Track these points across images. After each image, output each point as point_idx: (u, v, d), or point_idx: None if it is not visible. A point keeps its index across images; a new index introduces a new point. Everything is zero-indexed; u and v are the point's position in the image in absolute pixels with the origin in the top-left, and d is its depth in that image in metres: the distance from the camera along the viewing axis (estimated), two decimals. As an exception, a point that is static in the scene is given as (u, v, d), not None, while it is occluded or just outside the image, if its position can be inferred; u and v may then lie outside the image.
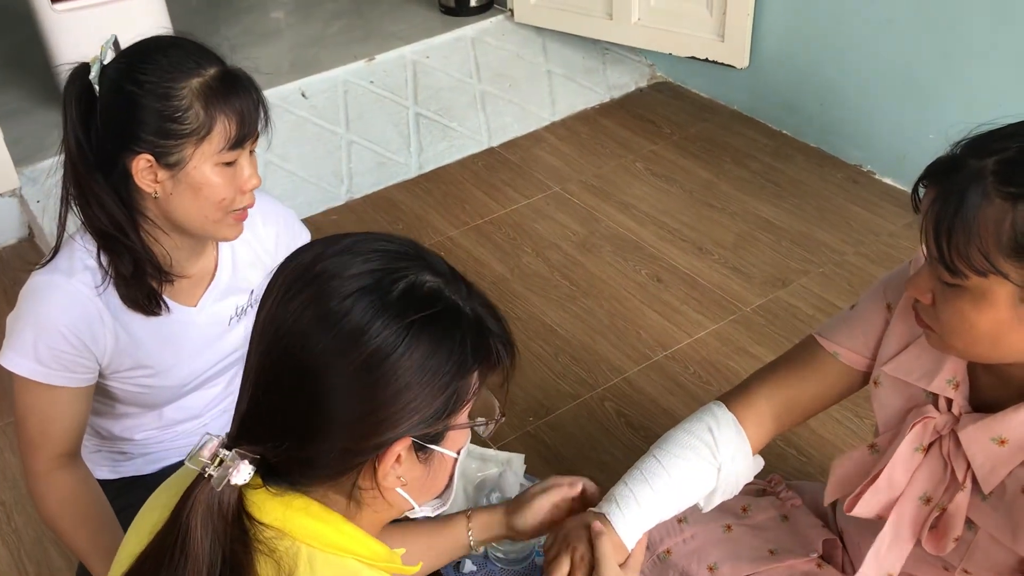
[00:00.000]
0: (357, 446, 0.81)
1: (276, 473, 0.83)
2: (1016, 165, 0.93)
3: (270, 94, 3.43)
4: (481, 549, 1.33)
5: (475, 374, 0.83)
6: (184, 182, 1.23)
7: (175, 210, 1.26)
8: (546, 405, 2.25)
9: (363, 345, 0.77)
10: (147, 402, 1.45)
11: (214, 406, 1.53)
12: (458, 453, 0.89)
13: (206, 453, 0.81)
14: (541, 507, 1.25)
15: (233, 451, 0.81)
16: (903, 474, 1.16)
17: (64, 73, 1.25)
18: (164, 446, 1.53)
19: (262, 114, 1.27)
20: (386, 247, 0.83)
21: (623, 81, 3.52)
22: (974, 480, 1.10)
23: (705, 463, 1.27)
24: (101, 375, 1.37)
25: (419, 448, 0.84)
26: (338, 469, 0.83)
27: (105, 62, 1.22)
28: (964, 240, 0.94)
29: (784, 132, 3.18)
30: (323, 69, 3.41)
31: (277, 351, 0.80)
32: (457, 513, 1.28)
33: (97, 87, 1.21)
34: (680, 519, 1.41)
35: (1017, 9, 2.44)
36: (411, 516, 0.91)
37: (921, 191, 1.01)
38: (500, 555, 1.55)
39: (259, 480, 0.83)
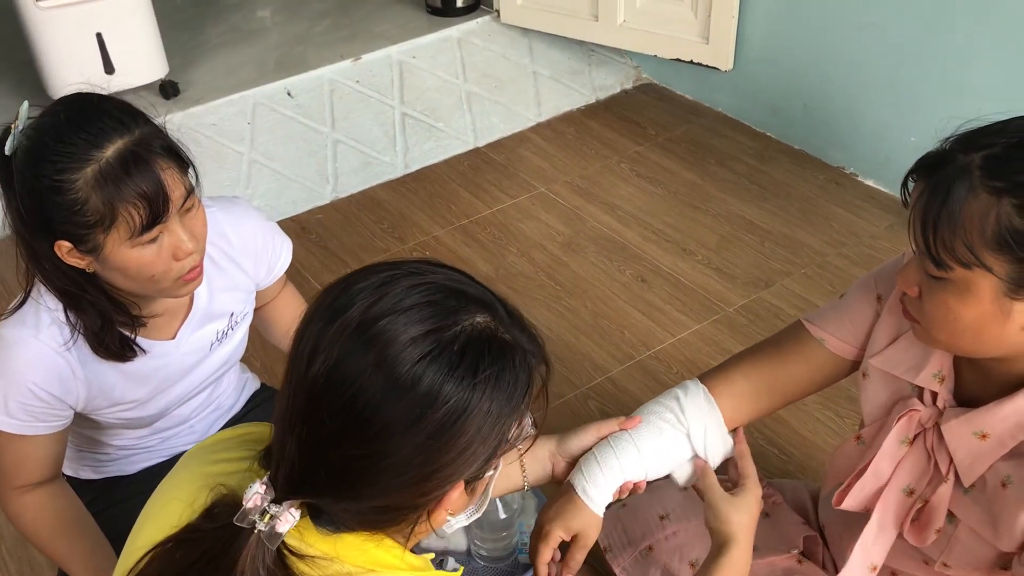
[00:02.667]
0: (417, 501, 0.83)
1: (324, 514, 0.84)
2: (1002, 160, 0.95)
3: (256, 93, 3.44)
4: (464, 545, 1.33)
5: (524, 404, 0.85)
6: (108, 264, 1.18)
7: (116, 283, 1.23)
8: (530, 404, 2.25)
9: (436, 410, 0.78)
10: (131, 426, 1.44)
11: (200, 412, 1.52)
12: (496, 469, 0.90)
13: (251, 504, 0.81)
14: (589, 436, 1.28)
15: (283, 504, 0.81)
16: (889, 467, 1.18)
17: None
18: (150, 450, 1.52)
19: (189, 172, 1.19)
20: (432, 298, 0.82)
21: (608, 82, 3.53)
22: (956, 473, 1.12)
23: (671, 427, 1.28)
24: (80, 413, 1.35)
25: (467, 483, 0.86)
26: (396, 520, 0.84)
27: (18, 134, 1.14)
28: (950, 233, 0.96)
29: (768, 134, 3.20)
30: (309, 68, 3.40)
31: (339, 411, 0.79)
32: None
33: (10, 165, 1.15)
34: (662, 516, 1.42)
35: (999, 13, 2.47)
36: (447, 529, 0.92)
37: (911, 185, 1.03)
38: (483, 553, 1.56)
39: (305, 515, 0.83)
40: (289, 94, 3.32)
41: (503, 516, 1.72)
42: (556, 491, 1.30)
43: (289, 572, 0.81)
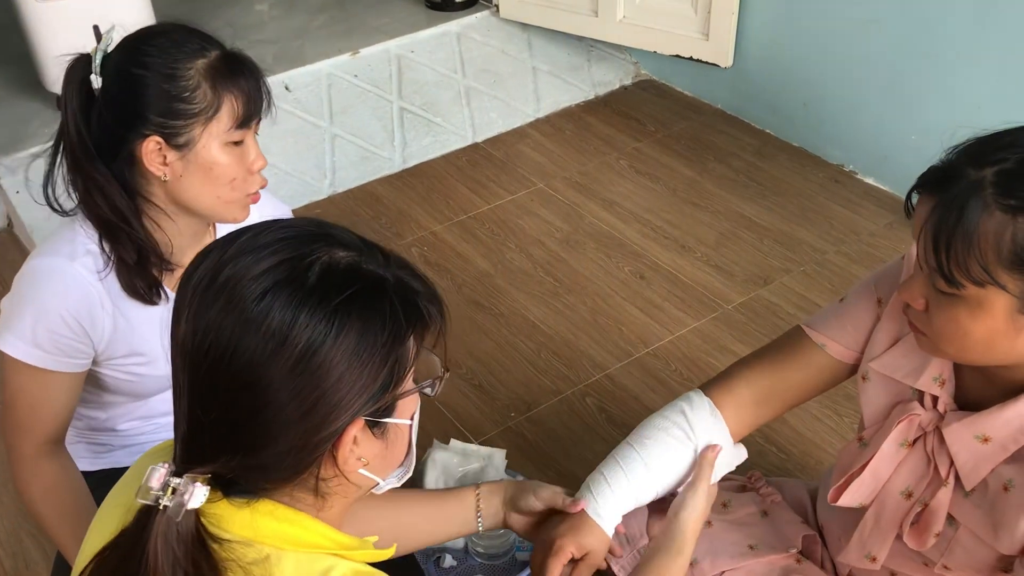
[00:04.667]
0: (310, 441, 0.79)
1: (235, 484, 0.82)
2: (1015, 177, 0.93)
3: (253, 87, 3.42)
4: (461, 542, 1.33)
5: (411, 339, 0.82)
6: (194, 163, 1.24)
7: (185, 192, 1.27)
8: (528, 401, 2.25)
9: (293, 341, 0.75)
10: (136, 391, 1.44)
11: None
12: (411, 418, 0.88)
13: (155, 483, 0.78)
14: (538, 504, 1.26)
15: (184, 477, 0.78)
16: (887, 468, 1.18)
17: (61, 64, 1.25)
18: (145, 438, 1.52)
19: (265, 96, 1.30)
20: (287, 234, 0.80)
21: (608, 78, 3.52)
22: (957, 477, 1.11)
23: (679, 443, 1.28)
24: (94, 362, 1.36)
25: (372, 425, 0.83)
26: (297, 468, 0.81)
27: (108, 50, 1.22)
28: (964, 252, 0.94)
29: (767, 131, 3.19)
30: (307, 62, 3.39)
31: (205, 366, 0.78)
32: (466, 487, 1.29)
33: (97, 77, 1.22)
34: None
35: (999, 11, 2.46)
36: (375, 492, 0.90)
37: (914, 197, 1.02)
38: (480, 550, 1.55)
39: (218, 494, 0.81)
40: (287, 88, 3.31)
41: (500, 513, 1.71)
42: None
43: (210, 559, 0.79)
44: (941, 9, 2.58)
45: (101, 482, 1.49)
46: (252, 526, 0.81)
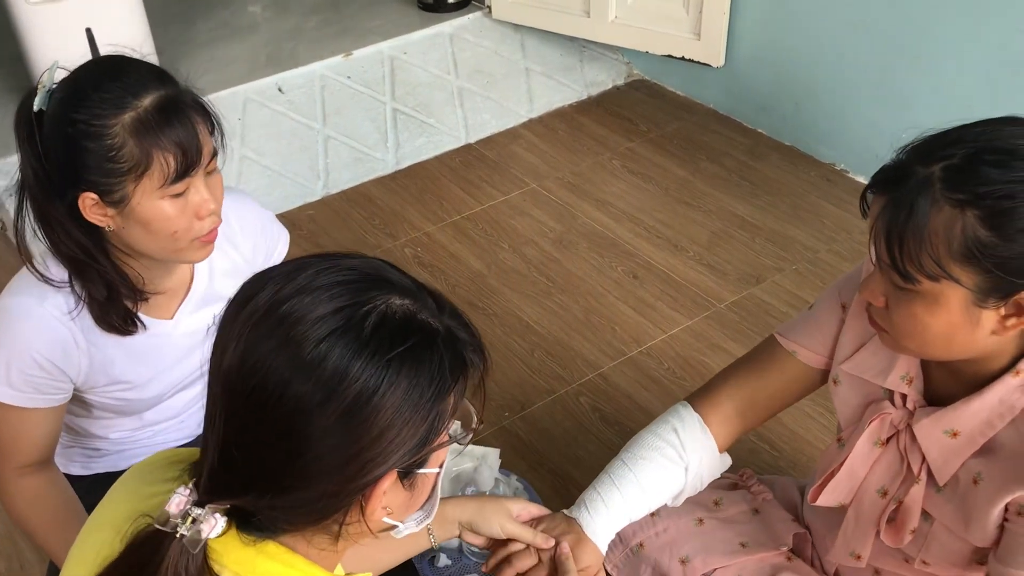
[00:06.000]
0: (343, 489, 0.78)
1: (250, 519, 0.80)
2: (962, 172, 0.95)
3: (246, 88, 3.43)
4: (456, 541, 1.34)
5: (453, 392, 0.81)
6: (131, 218, 1.19)
7: (133, 243, 1.23)
8: (521, 400, 2.25)
9: (345, 390, 0.74)
10: (125, 411, 1.44)
11: (191, 406, 1.52)
12: (440, 467, 0.87)
13: (174, 509, 0.77)
14: (495, 529, 1.27)
15: (206, 508, 0.77)
16: (862, 467, 1.19)
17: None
18: (139, 444, 1.52)
19: (215, 134, 1.22)
20: (347, 277, 0.79)
21: (600, 79, 3.53)
22: (929, 473, 1.12)
23: (671, 463, 1.31)
24: (77, 390, 1.35)
25: (403, 475, 0.82)
26: (324, 513, 0.80)
27: (49, 90, 1.17)
28: (916, 247, 0.96)
29: (759, 131, 3.20)
30: (300, 64, 3.39)
31: (250, 401, 0.76)
32: None
33: (36, 127, 1.16)
34: (653, 512, 1.42)
35: (989, 11, 2.47)
36: (394, 535, 0.90)
37: (869, 197, 1.04)
38: (475, 548, 1.56)
39: (231, 525, 0.80)
40: (280, 90, 3.31)
41: (494, 512, 1.72)
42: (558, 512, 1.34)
43: None
44: (931, 10, 2.59)
45: (92, 487, 1.49)
46: (248, 563, 0.80)
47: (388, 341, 0.76)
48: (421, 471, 0.83)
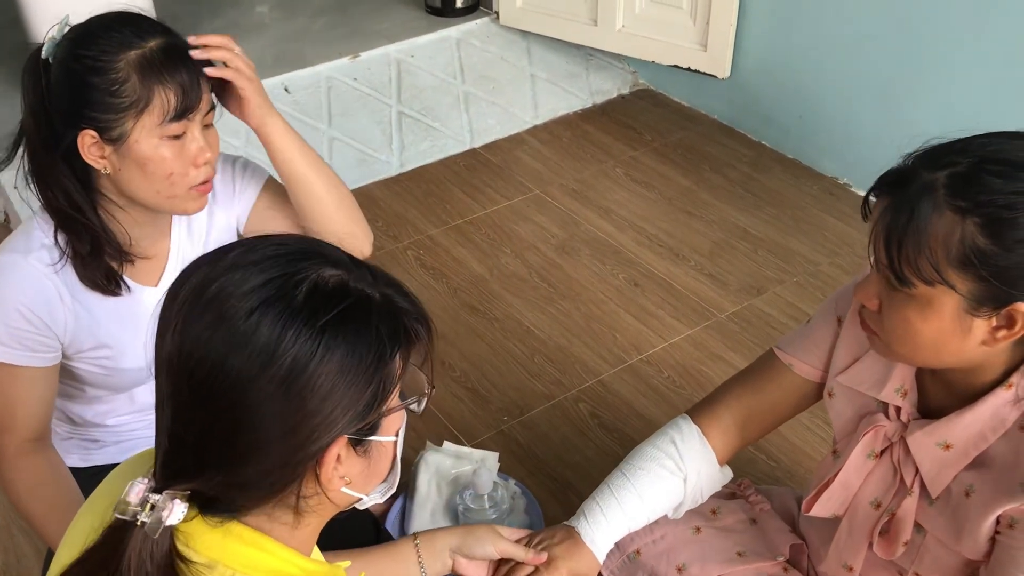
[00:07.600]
0: (293, 459, 0.78)
1: (213, 502, 0.81)
2: (967, 179, 0.96)
3: (253, 88, 3.41)
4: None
5: (397, 358, 0.81)
6: (129, 157, 1.22)
7: (127, 185, 1.26)
8: (521, 405, 2.26)
9: (279, 359, 0.75)
10: (113, 384, 1.44)
11: None
12: (396, 435, 0.88)
13: (133, 498, 0.77)
14: (488, 548, 1.28)
15: (164, 494, 0.77)
16: (856, 479, 1.20)
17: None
18: (137, 433, 1.52)
19: (207, 87, 1.25)
20: (277, 251, 0.80)
21: (606, 87, 3.54)
22: (922, 485, 1.13)
23: (670, 474, 1.33)
24: (65, 356, 1.36)
25: (356, 443, 0.82)
26: (278, 486, 0.80)
27: (57, 40, 1.22)
28: (914, 250, 0.97)
29: (763, 143, 3.21)
30: (307, 65, 3.40)
31: (190, 383, 0.77)
32: (404, 538, 1.30)
33: (44, 73, 1.22)
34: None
35: (994, 25, 2.48)
36: (358, 507, 0.90)
37: (872, 199, 1.05)
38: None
39: (194, 511, 0.80)
40: (286, 90, 3.32)
41: (492, 516, 1.72)
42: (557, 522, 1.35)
43: None
44: (936, 24, 2.60)
45: (92, 479, 1.49)
46: (220, 547, 0.80)
47: (321, 307, 0.77)
48: (374, 438, 0.84)
